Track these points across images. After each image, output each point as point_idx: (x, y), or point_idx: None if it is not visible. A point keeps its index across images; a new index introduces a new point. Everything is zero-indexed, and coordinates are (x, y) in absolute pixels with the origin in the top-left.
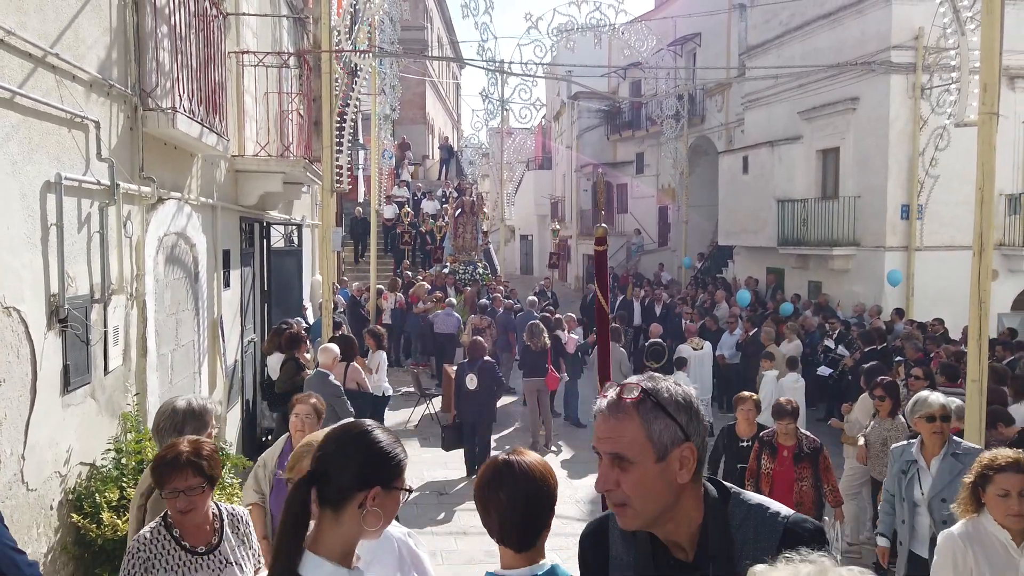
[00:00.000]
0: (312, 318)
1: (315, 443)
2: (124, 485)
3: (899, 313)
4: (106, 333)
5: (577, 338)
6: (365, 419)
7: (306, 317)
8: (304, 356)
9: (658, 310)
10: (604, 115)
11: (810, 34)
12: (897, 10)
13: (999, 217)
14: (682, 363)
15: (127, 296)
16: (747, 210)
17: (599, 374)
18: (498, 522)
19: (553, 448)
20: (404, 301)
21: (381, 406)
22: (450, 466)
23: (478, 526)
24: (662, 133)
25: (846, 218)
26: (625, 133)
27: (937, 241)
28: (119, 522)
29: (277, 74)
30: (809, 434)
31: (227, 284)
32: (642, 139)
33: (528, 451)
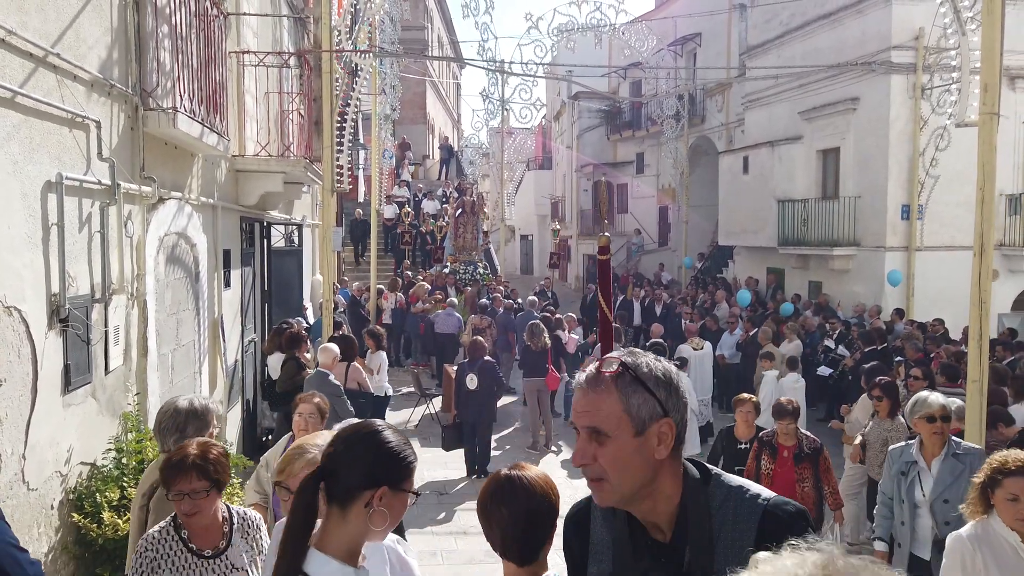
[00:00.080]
0: (312, 318)
1: (306, 447)
2: (125, 485)
3: (899, 313)
4: (107, 333)
5: (577, 338)
6: (376, 419)
7: (306, 317)
8: (304, 356)
9: (658, 310)
10: (604, 115)
11: (810, 34)
12: (897, 10)
13: (999, 217)
14: (682, 363)
15: (128, 296)
16: (747, 210)
17: None
18: (500, 537)
19: (553, 448)
20: (404, 301)
21: (382, 406)
22: (450, 466)
23: (478, 526)
24: (662, 133)
25: (846, 218)
26: (625, 133)
27: (937, 241)
28: (120, 522)
29: (278, 74)
30: (809, 434)
31: (227, 284)
32: (642, 139)
33: (530, 465)
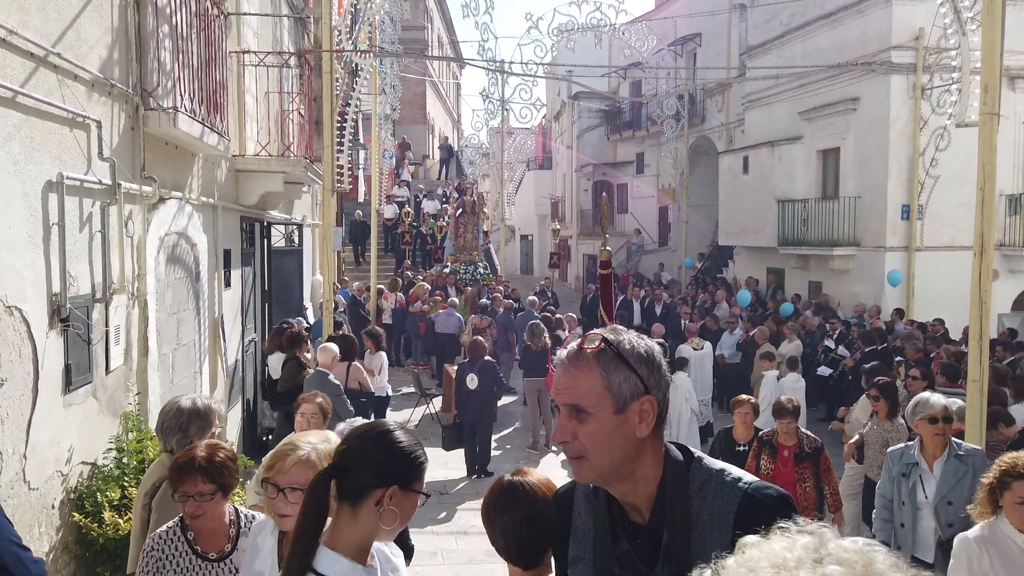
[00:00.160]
0: (312, 318)
1: (298, 443)
2: (125, 484)
3: (899, 313)
4: (107, 332)
5: None
6: (387, 420)
7: (307, 317)
8: (305, 356)
9: (658, 310)
10: (604, 115)
11: (811, 34)
12: (898, 10)
13: (999, 217)
14: (683, 363)
15: (128, 295)
16: (747, 210)
17: None
18: (504, 542)
19: (553, 448)
20: (404, 301)
21: (382, 406)
22: (450, 466)
23: (478, 525)
24: (662, 133)
25: (846, 218)
26: (625, 133)
27: (937, 241)
28: (120, 521)
29: (278, 74)
30: (810, 434)
31: (228, 284)
32: (642, 139)
33: (531, 470)
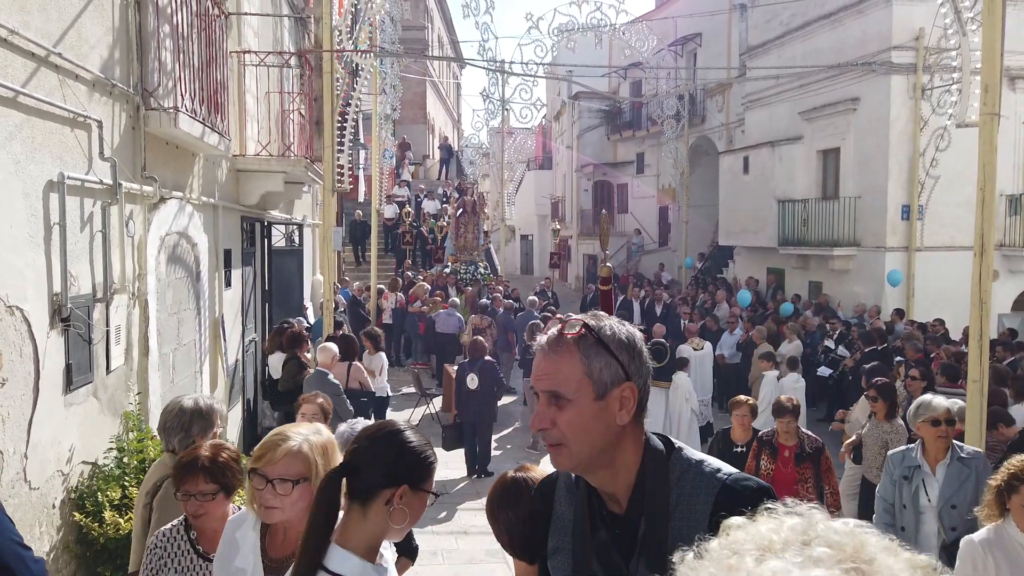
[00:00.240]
0: (313, 318)
1: (288, 434)
2: (126, 484)
3: (899, 313)
4: (108, 332)
5: None
6: (396, 420)
7: (307, 317)
8: (305, 356)
9: (658, 310)
10: (604, 115)
11: (811, 34)
12: (898, 10)
13: (999, 218)
14: (683, 363)
15: (129, 295)
16: (747, 210)
17: None
18: (508, 537)
19: None
20: (405, 301)
21: (383, 407)
22: (451, 466)
23: (478, 525)
24: (662, 133)
25: (846, 218)
26: (625, 133)
27: (938, 242)
28: (121, 521)
29: (278, 74)
30: (811, 433)
31: (228, 283)
32: (642, 139)
33: (534, 467)
